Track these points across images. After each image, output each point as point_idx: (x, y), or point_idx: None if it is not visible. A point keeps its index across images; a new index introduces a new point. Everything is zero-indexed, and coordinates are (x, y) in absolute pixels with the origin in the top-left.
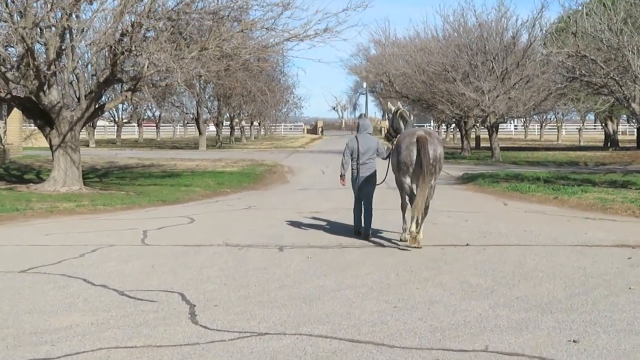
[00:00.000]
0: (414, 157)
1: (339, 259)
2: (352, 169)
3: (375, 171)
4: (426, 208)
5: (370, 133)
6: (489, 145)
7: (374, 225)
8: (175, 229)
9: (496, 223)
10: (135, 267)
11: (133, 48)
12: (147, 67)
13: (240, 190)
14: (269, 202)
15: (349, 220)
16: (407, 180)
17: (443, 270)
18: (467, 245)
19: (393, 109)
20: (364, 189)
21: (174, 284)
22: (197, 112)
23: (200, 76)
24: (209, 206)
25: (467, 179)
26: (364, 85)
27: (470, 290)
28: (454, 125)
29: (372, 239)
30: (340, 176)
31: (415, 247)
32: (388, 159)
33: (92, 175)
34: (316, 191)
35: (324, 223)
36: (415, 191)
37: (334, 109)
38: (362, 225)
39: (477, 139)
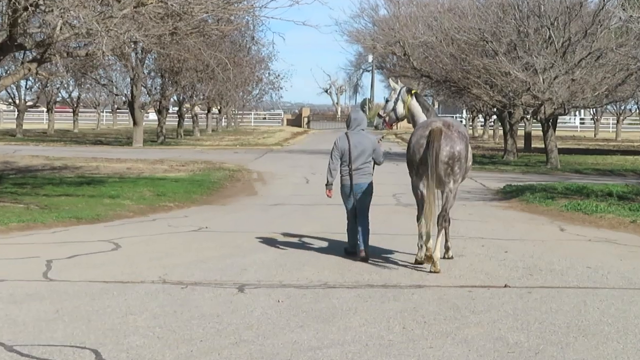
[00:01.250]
0: (421, 154)
1: (321, 304)
2: (343, 175)
3: (371, 179)
4: (442, 217)
5: (364, 129)
6: (542, 145)
7: (374, 253)
8: (92, 259)
9: (548, 256)
10: (33, 311)
11: (41, 1)
12: (61, 28)
13: (188, 205)
14: (229, 223)
15: (339, 248)
16: (419, 184)
17: (469, 322)
18: (505, 286)
19: (397, 87)
20: (360, 201)
21: (86, 336)
22: (132, 94)
23: (136, 42)
24: (143, 227)
25: (509, 194)
26: (370, 59)
27: (507, 351)
28: (494, 117)
29: (371, 274)
30: (327, 185)
31: (433, 272)
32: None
33: None
34: (296, 207)
35: (304, 253)
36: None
37: (326, 91)
38: (360, 244)
39: (527, 137)
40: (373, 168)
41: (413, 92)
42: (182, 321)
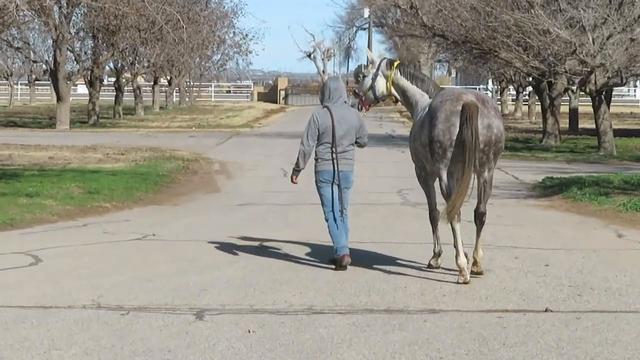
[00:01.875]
0: (453, 135)
1: (305, 335)
2: (323, 160)
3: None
4: (482, 215)
5: (346, 102)
6: (593, 126)
7: (374, 267)
8: (4, 277)
9: (602, 270)
10: None
11: None
12: None
13: (130, 206)
14: (183, 229)
15: (323, 258)
16: (444, 172)
17: (500, 358)
18: (545, 311)
19: (376, 60)
20: (344, 195)
21: None
22: (55, 61)
23: None
24: (71, 235)
25: (550, 189)
26: (366, 13)
27: None
28: (529, 89)
29: (370, 296)
30: (295, 171)
31: (462, 283)
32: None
33: None
34: (270, 208)
35: (282, 267)
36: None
37: (309, 56)
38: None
39: (573, 114)
40: None
41: (396, 64)
42: (123, 358)
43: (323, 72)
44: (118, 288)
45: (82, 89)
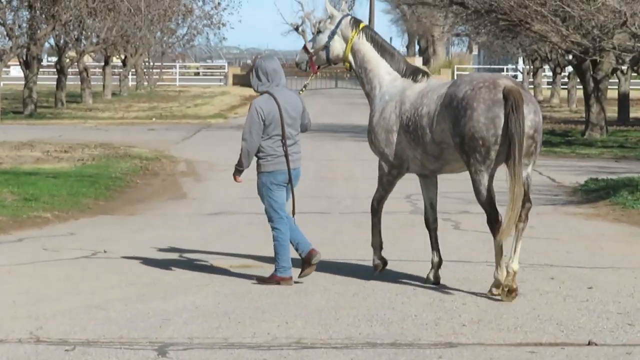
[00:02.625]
0: (501, 129)
1: None
2: (272, 157)
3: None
4: (525, 215)
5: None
6: None
7: (377, 289)
8: None
9: None
10: None
11: None
12: None
13: (76, 216)
14: (141, 244)
15: (319, 284)
16: (485, 175)
17: None
18: (589, 344)
19: (336, 15)
20: (293, 195)
21: None
22: None
23: None
24: (3, 252)
25: (594, 193)
26: None
27: None
28: (569, 70)
29: (372, 326)
30: (238, 171)
31: (501, 297)
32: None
33: None
34: (248, 218)
35: (263, 292)
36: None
37: (296, 30)
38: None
39: (623, 101)
40: None
41: (362, 25)
42: None
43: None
44: (61, 318)
45: (16, 71)
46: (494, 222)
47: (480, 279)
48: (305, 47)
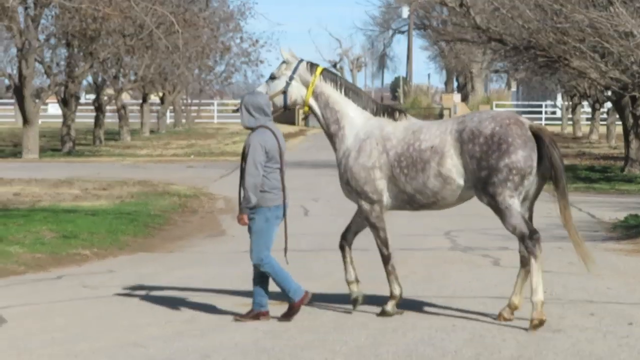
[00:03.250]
0: (535, 162)
1: None
2: (271, 192)
3: None
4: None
5: None
6: None
7: (418, 326)
8: None
9: None
10: None
11: None
12: None
13: (115, 253)
14: (179, 282)
15: (361, 320)
16: (517, 203)
17: None
18: None
19: (292, 61)
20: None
21: None
22: (20, 74)
23: None
24: (41, 289)
25: (635, 229)
26: (405, 13)
27: None
28: (608, 106)
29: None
30: (247, 208)
31: (537, 324)
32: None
33: None
34: (291, 255)
35: (303, 328)
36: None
37: (334, 66)
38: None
39: None
40: None
41: (320, 69)
42: None
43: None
44: (99, 355)
45: (54, 109)
46: (533, 235)
47: (520, 315)
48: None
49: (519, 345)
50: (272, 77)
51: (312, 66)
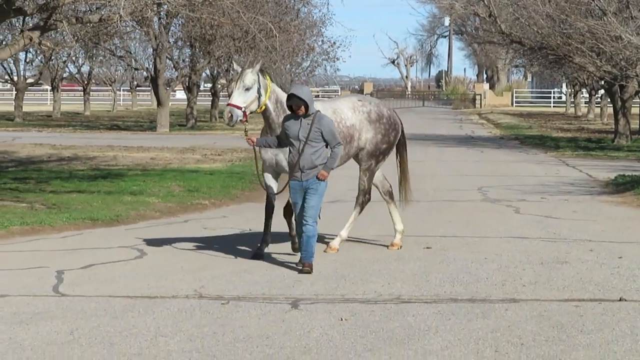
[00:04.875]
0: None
1: (394, 323)
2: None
3: None
4: None
5: None
6: None
7: (457, 261)
8: (112, 269)
9: None
10: (43, 333)
11: None
12: None
13: (227, 203)
14: (277, 224)
15: (414, 255)
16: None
17: (577, 344)
18: (620, 300)
19: (251, 72)
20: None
21: None
22: (155, 68)
23: (160, 4)
24: (172, 230)
25: (622, 186)
26: (446, 22)
27: None
28: (601, 92)
29: (454, 286)
30: (332, 169)
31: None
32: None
33: None
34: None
35: (370, 260)
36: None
37: (392, 62)
38: None
39: None
40: None
41: (267, 75)
42: (224, 344)
43: (406, 77)
44: (218, 280)
45: (181, 94)
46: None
47: (536, 250)
48: (234, 105)
49: (535, 273)
50: (247, 89)
51: (262, 72)
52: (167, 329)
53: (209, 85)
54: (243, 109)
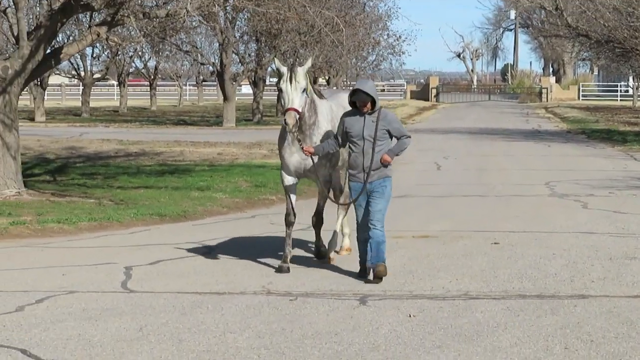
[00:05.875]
0: None
1: (462, 319)
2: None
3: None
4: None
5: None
6: None
7: (524, 256)
8: (180, 265)
9: None
10: (112, 329)
11: None
12: None
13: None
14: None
15: (481, 251)
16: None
17: None
18: None
19: (284, 70)
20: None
21: (177, 359)
22: (221, 63)
23: None
24: (239, 225)
25: None
26: (512, 15)
27: None
28: None
29: (522, 282)
30: (396, 155)
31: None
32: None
33: (40, 171)
34: (424, 200)
35: (437, 256)
36: None
37: (458, 56)
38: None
39: None
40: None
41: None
42: (293, 341)
43: (472, 71)
44: (285, 276)
45: (246, 89)
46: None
47: (604, 246)
48: (295, 109)
49: (604, 269)
50: (304, 90)
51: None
52: (236, 326)
53: (275, 79)
54: (300, 114)
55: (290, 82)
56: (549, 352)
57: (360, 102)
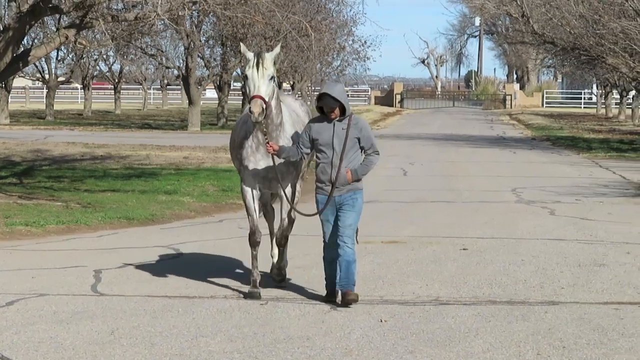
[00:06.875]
0: None
1: (434, 325)
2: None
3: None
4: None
5: None
6: None
7: (495, 262)
8: (149, 269)
9: None
10: (84, 332)
11: None
12: None
13: None
14: (314, 224)
15: (452, 257)
16: None
17: (619, 347)
18: None
19: (250, 55)
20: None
21: None
22: (186, 67)
23: (195, 2)
24: (207, 229)
25: None
26: (477, 22)
27: None
28: (632, 93)
29: (492, 288)
30: (361, 177)
31: None
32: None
33: (6, 173)
34: (392, 206)
35: (407, 262)
36: None
37: (422, 62)
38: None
39: None
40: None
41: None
42: (265, 345)
43: (436, 77)
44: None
45: (210, 93)
46: None
47: (573, 252)
48: (261, 97)
49: (573, 276)
50: (272, 78)
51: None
52: (207, 329)
53: (239, 84)
54: (266, 103)
55: (257, 68)
56: (522, 358)
57: (328, 108)
